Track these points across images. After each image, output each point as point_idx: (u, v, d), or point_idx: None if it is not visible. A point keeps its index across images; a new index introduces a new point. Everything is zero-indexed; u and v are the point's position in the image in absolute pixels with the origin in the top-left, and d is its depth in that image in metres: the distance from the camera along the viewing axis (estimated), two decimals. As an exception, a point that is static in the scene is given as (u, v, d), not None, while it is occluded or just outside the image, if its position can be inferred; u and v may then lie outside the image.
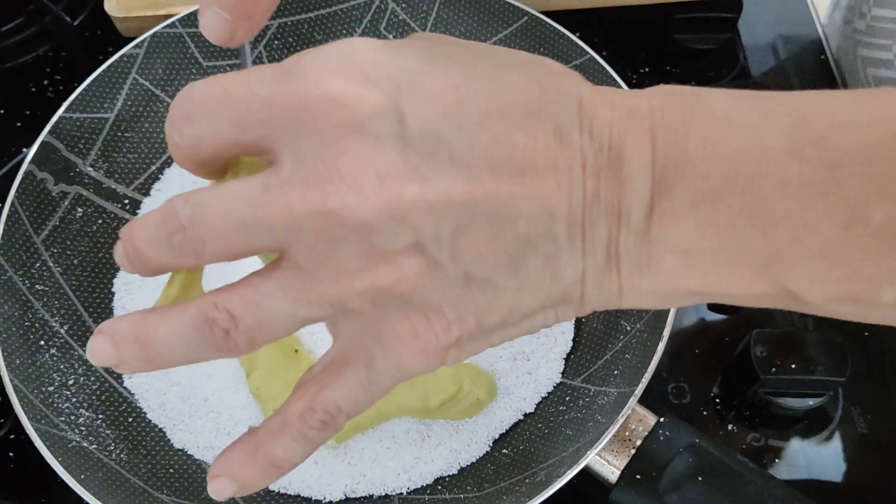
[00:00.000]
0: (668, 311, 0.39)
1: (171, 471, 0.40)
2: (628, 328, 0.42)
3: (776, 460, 0.43)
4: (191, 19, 0.48)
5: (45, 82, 0.55)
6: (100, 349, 0.23)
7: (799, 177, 0.20)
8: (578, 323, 0.44)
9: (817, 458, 0.43)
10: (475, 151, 0.21)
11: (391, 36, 0.51)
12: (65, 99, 0.45)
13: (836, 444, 0.43)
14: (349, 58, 0.21)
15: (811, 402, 0.43)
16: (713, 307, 0.47)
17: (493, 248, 0.21)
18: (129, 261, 0.23)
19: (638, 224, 0.22)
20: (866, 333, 0.46)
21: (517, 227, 0.21)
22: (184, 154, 0.23)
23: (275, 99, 0.21)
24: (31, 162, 0.43)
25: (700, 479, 0.36)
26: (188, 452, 0.41)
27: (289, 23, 0.50)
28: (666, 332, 0.38)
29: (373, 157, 0.20)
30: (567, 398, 0.42)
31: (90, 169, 0.46)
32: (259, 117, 0.21)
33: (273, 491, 0.40)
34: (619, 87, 0.45)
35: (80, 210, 0.45)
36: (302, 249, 0.21)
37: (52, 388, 0.40)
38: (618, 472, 0.36)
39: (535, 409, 0.42)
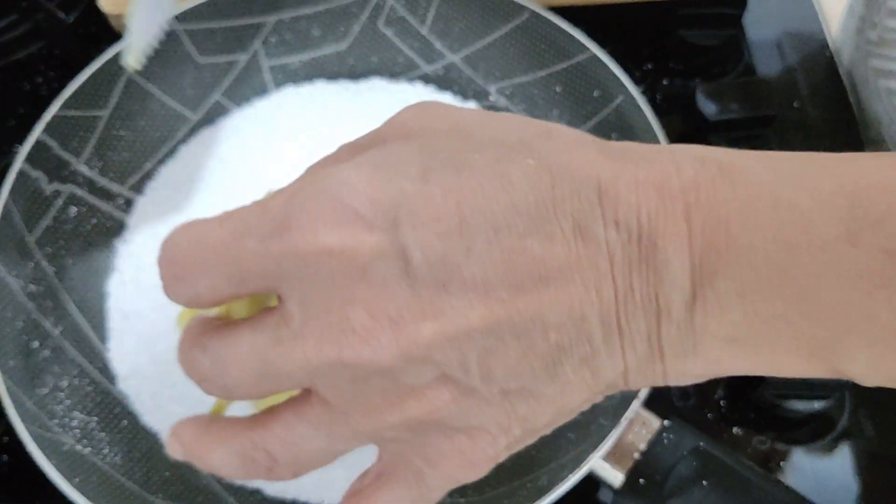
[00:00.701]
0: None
1: (166, 474, 0.39)
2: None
3: (782, 463, 0.42)
4: (185, 16, 0.48)
5: (39, 80, 0.54)
6: (175, 450, 0.24)
7: (855, 266, 0.19)
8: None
9: (824, 461, 0.43)
10: (488, 272, 0.19)
11: (389, 32, 0.51)
12: (58, 96, 0.45)
13: (842, 447, 0.43)
14: (339, 201, 0.19)
15: (817, 404, 0.42)
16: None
17: (525, 361, 0.20)
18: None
19: (680, 316, 0.20)
20: (873, 334, 0.46)
21: (547, 337, 0.20)
22: (187, 306, 0.23)
23: (270, 253, 0.20)
24: (25, 160, 0.43)
25: (705, 483, 0.35)
26: (184, 456, 0.40)
27: (286, 19, 0.50)
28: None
29: (382, 303, 0.19)
30: (569, 400, 0.41)
31: (84, 167, 0.45)
32: (256, 272, 0.20)
33: (270, 496, 0.39)
34: (623, 84, 0.44)
35: (73, 209, 0.45)
36: (327, 390, 0.21)
37: (46, 390, 0.39)
38: (621, 477, 0.36)
39: (537, 411, 0.41)
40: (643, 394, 0.36)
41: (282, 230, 0.20)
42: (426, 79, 0.51)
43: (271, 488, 0.39)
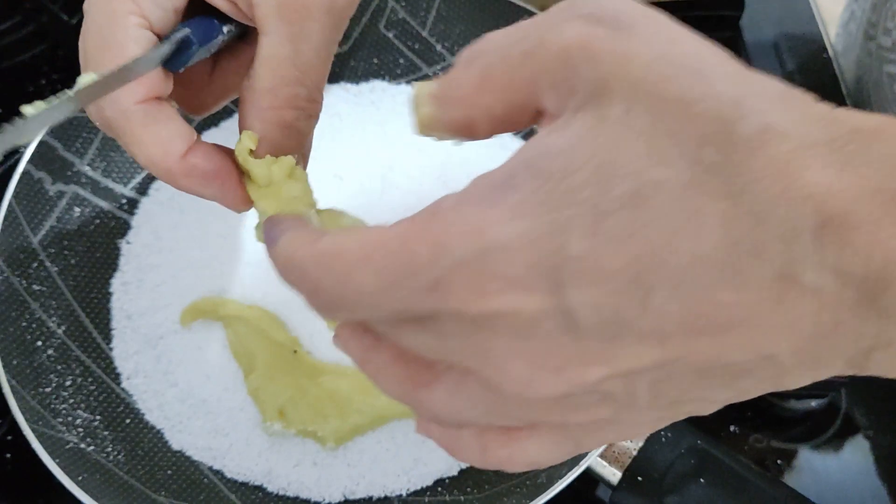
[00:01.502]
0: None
1: (169, 472, 0.40)
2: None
3: (778, 461, 0.43)
4: (189, 17, 0.48)
5: (43, 81, 0.55)
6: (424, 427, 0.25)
7: None
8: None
9: (820, 459, 0.43)
10: (666, 323, 0.18)
11: (390, 35, 0.51)
12: (62, 98, 0.45)
13: (838, 445, 0.43)
14: (495, 269, 0.18)
15: (814, 402, 0.42)
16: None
17: (700, 385, 0.19)
18: None
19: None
20: (869, 334, 0.46)
21: (726, 370, 0.19)
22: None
23: (424, 307, 0.19)
24: (29, 161, 0.43)
25: (702, 480, 0.36)
26: (186, 454, 0.40)
27: (288, 21, 0.50)
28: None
29: (544, 358, 0.18)
30: (568, 399, 0.41)
31: (87, 168, 0.46)
32: (407, 317, 0.20)
33: (272, 493, 0.39)
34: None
35: (77, 210, 0.45)
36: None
37: (50, 388, 0.40)
38: (619, 474, 0.36)
39: (536, 410, 0.42)
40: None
41: (434, 290, 0.18)
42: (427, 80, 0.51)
43: (273, 486, 0.40)
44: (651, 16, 0.19)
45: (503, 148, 0.49)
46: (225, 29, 0.30)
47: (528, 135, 0.49)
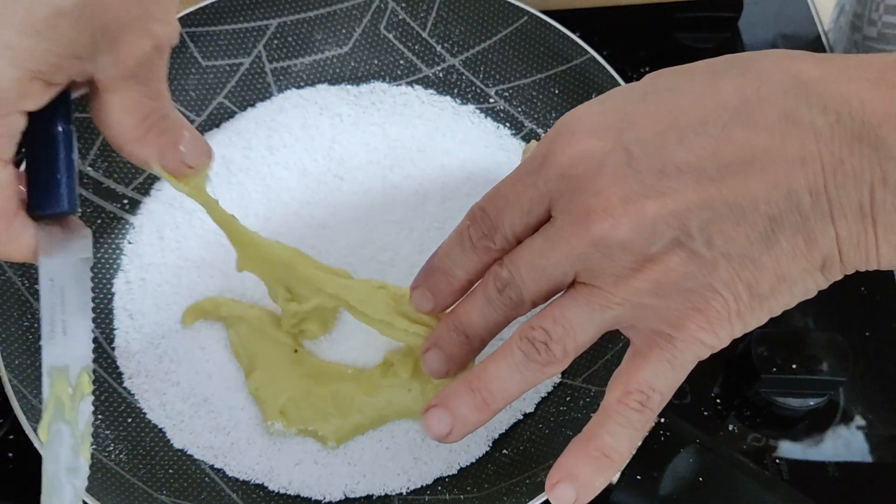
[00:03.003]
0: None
1: (170, 471, 0.40)
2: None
3: (777, 460, 0.43)
4: (189, 19, 0.48)
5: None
6: (434, 421, 0.29)
7: None
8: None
9: (818, 458, 0.43)
10: (699, 156, 0.24)
11: (391, 36, 0.51)
12: (64, 98, 0.45)
13: (837, 444, 0.43)
14: (577, 130, 0.26)
15: (812, 401, 0.42)
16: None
17: (741, 231, 0.24)
18: (456, 345, 0.31)
19: None
20: (867, 333, 0.46)
21: (758, 209, 0.24)
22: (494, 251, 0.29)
23: (540, 181, 0.27)
24: (30, 162, 0.43)
25: (701, 479, 0.36)
26: (188, 453, 0.40)
27: (288, 22, 0.50)
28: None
29: (614, 189, 0.25)
30: (567, 398, 0.42)
31: (89, 168, 0.46)
32: (535, 199, 0.27)
33: (273, 491, 0.40)
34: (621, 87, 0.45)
35: (78, 210, 0.45)
36: (585, 273, 0.26)
37: (51, 388, 0.40)
38: (618, 473, 0.36)
39: (536, 409, 0.42)
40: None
41: (543, 163, 0.27)
42: (427, 81, 0.51)
43: (274, 484, 0.40)
44: None
45: (502, 149, 0.49)
46: (69, 128, 0.31)
47: (526, 135, 0.50)
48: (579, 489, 0.27)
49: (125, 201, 0.47)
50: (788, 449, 0.43)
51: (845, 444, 0.43)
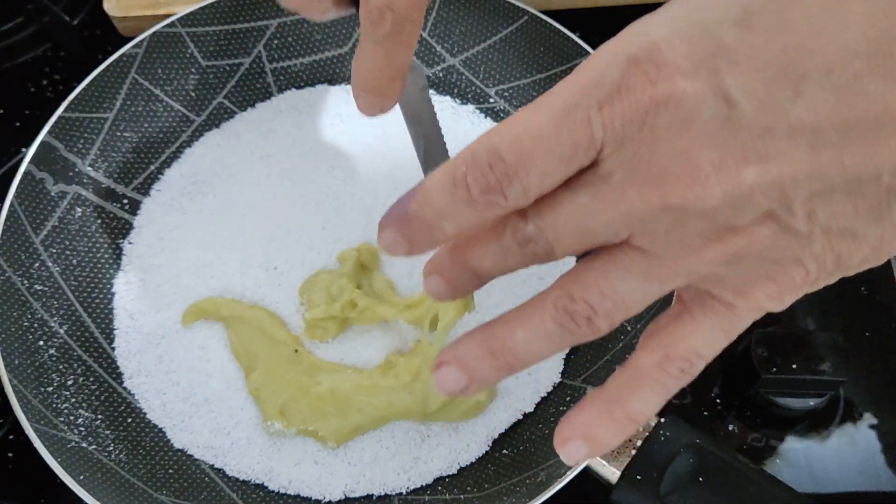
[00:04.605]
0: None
1: (170, 471, 0.40)
2: (629, 328, 0.41)
3: (777, 461, 0.43)
4: (190, 19, 0.48)
5: (45, 82, 0.55)
6: (449, 379, 0.24)
7: None
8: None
9: (818, 458, 0.43)
10: (819, 115, 0.19)
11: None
12: (64, 98, 0.45)
13: (837, 444, 0.43)
14: (661, 61, 0.20)
15: (812, 402, 0.42)
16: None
17: (850, 204, 0.20)
18: (463, 278, 0.24)
19: None
20: (867, 333, 0.46)
21: (879, 181, 0.20)
22: (495, 213, 0.22)
23: (603, 122, 0.20)
24: (30, 162, 0.43)
25: (701, 479, 0.36)
26: (188, 452, 0.40)
27: (288, 22, 0.50)
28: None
29: (705, 150, 0.20)
30: (567, 399, 0.42)
31: (89, 169, 0.46)
32: (586, 144, 0.20)
33: (273, 491, 0.40)
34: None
35: (79, 210, 0.45)
36: (642, 237, 0.21)
37: (51, 388, 0.40)
38: (618, 473, 0.36)
39: (535, 409, 0.42)
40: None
41: (614, 96, 0.20)
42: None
43: (274, 484, 0.40)
44: None
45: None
46: None
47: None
48: (594, 448, 0.24)
49: (125, 201, 0.47)
50: (788, 449, 0.43)
51: (846, 444, 0.43)
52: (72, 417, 0.39)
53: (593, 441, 0.24)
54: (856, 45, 0.19)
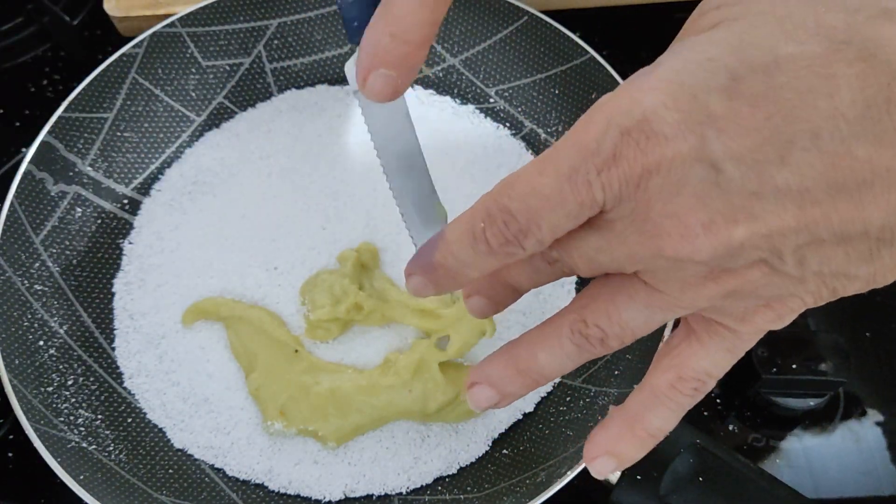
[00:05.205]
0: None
1: (170, 471, 0.40)
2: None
3: (777, 461, 0.43)
4: (190, 19, 0.48)
5: (45, 82, 0.55)
6: (482, 397, 0.28)
7: None
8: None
9: (818, 458, 0.43)
10: (805, 178, 0.20)
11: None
12: (64, 98, 0.45)
13: (837, 444, 0.43)
14: (650, 131, 0.20)
15: (812, 402, 0.42)
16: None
17: (840, 251, 0.21)
18: (503, 295, 0.29)
19: None
20: (867, 334, 0.46)
21: (867, 235, 0.20)
22: (518, 256, 0.24)
23: (603, 184, 0.21)
24: (30, 162, 0.43)
25: (701, 479, 0.36)
26: (188, 452, 0.40)
27: (288, 22, 0.50)
28: (667, 333, 0.38)
29: (694, 211, 0.21)
30: (567, 399, 0.42)
31: (89, 169, 0.46)
32: (590, 203, 0.22)
33: (273, 491, 0.40)
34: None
35: (79, 210, 0.45)
36: (647, 274, 0.23)
37: (51, 388, 0.40)
38: (618, 473, 0.36)
39: (535, 409, 0.42)
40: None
41: (610, 163, 0.21)
42: (426, 82, 0.51)
43: (274, 484, 0.40)
44: None
45: (502, 149, 0.49)
46: None
47: (526, 135, 0.50)
48: (620, 463, 0.27)
49: (125, 201, 0.47)
50: (788, 449, 0.43)
51: (846, 444, 0.43)
52: (72, 417, 0.39)
53: (619, 457, 0.27)
54: (843, 110, 0.19)
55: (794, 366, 0.41)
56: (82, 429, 0.39)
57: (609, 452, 0.27)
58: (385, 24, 0.25)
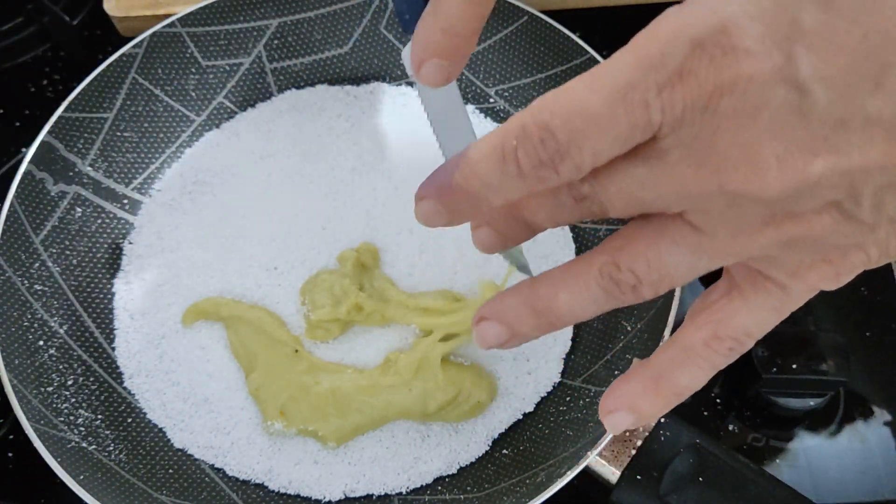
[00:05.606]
0: (669, 312, 0.39)
1: (170, 471, 0.40)
2: (628, 328, 0.41)
3: (777, 461, 0.43)
4: (190, 19, 0.48)
5: (45, 82, 0.55)
6: (491, 333, 0.24)
7: None
8: (578, 324, 0.44)
9: (818, 458, 0.43)
10: None
11: (391, 35, 0.51)
12: (64, 98, 0.45)
13: (837, 444, 0.43)
14: (730, 42, 0.18)
15: (812, 402, 0.42)
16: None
17: None
18: (514, 231, 0.24)
19: None
20: (867, 334, 0.46)
21: None
22: (554, 182, 0.21)
23: (664, 105, 0.19)
24: (30, 162, 0.43)
25: (701, 479, 0.36)
26: (188, 452, 0.41)
27: (288, 22, 0.50)
28: (667, 333, 0.38)
29: (770, 141, 0.18)
30: (567, 399, 0.42)
31: (89, 168, 0.46)
32: (643, 125, 0.19)
33: (273, 491, 0.40)
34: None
35: (79, 210, 0.45)
36: (696, 215, 0.21)
37: (51, 388, 0.40)
38: (618, 473, 0.36)
39: (535, 409, 0.42)
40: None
41: (675, 80, 0.19)
42: (427, 81, 0.51)
43: (274, 484, 0.40)
44: None
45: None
46: None
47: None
48: (639, 419, 0.24)
49: (125, 201, 0.47)
50: (788, 449, 0.43)
51: (846, 444, 0.43)
52: (72, 417, 0.39)
53: (638, 413, 0.24)
54: None
55: (794, 365, 0.41)
56: (82, 429, 0.39)
57: (630, 407, 0.24)
58: (435, 21, 0.25)
